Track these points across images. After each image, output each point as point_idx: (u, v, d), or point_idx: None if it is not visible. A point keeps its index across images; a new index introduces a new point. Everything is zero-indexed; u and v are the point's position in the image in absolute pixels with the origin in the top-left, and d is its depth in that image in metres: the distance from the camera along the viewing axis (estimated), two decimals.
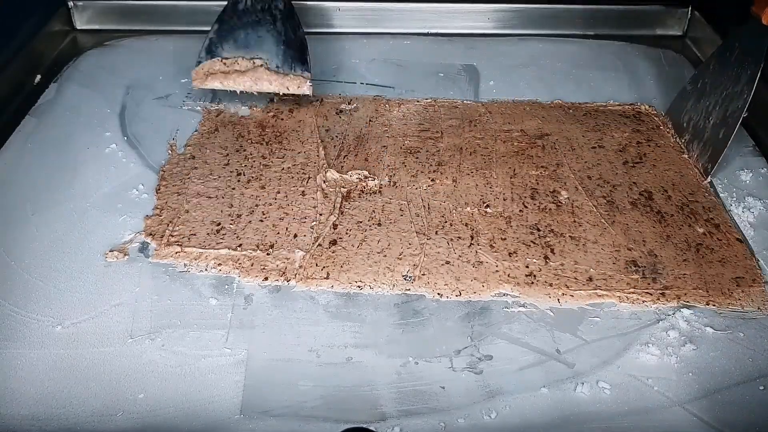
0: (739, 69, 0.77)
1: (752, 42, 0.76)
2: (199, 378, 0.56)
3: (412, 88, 0.93)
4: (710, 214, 0.72)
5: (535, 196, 0.74)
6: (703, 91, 0.82)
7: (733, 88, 0.77)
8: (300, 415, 0.53)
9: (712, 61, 0.83)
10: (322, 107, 0.88)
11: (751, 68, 0.75)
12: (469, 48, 1.02)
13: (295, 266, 0.65)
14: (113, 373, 0.56)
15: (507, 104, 0.90)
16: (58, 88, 0.90)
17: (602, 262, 0.67)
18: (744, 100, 0.74)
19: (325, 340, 0.59)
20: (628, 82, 0.96)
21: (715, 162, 0.76)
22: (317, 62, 0.98)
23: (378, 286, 0.64)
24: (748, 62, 0.76)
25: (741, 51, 0.78)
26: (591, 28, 1.07)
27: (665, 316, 0.62)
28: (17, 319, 0.60)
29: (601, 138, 0.84)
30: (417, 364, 0.57)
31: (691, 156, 0.81)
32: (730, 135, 0.75)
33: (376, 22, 1.06)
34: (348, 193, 0.74)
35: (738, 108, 0.75)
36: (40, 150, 0.79)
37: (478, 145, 0.82)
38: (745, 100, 0.74)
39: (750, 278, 0.65)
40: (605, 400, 0.55)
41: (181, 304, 0.62)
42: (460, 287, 0.64)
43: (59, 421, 0.52)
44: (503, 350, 0.59)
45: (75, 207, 0.72)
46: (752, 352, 0.59)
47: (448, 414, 0.53)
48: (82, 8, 1.04)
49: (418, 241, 0.68)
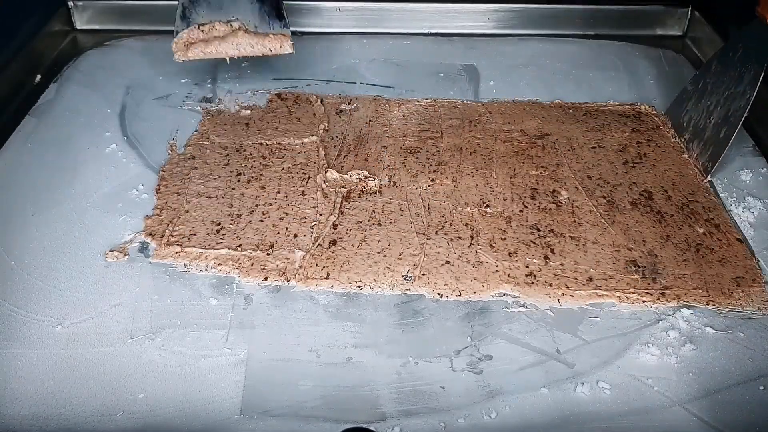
0: (742, 69, 0.77)
1: (756, 43, 0.76)
2: (199, 378, 0.56)
3: (412, 88, 0.93)
4: (710, 214, 0.72)
5: (535, 196, 0.74)
6: (704, 91, 0.82)
7: (735, 88, 0.77)
8: (300, 415, 0.53)
9: (714, 61, 0.83)
10: (322, 107, 0.88)
11: (754, 68, 0.75)
12: (469, 48, 1.02)
13: (295, 266, 0.65)
14: (113, 373, 0.56)
15: (507, 104, 0.90)
16: (58, 88, 0.90)
17: (602, 262, 0.67)
18: (746, 99, 0.75)
19: (325, 340, 0.59)
20: (628, 82, 0.96)
21: (715, 161, 0.76)
22: (317, 62, 0.98)
23: (378, 286, 0.64)
24: (752, 62, 0.76)
25: (744, 51, 0.78)
26: (591, 28, 1.07)
27: (665, 316, 0.62)
28: (17, 319, 0.60)
29: (601, 138, 0.84)
30: (417, 364, 0.57)
31: (691, 155, 0.81)
32: (731, 134, 0.75)
33: (376, 22, 1.06)
34: (348, 193, 0.74)
35: (740, 107, 0.75)
36: (40, 150, 0.79)
37: (478, 145, 0.82)
38: (748, 99, 0.74)
39: (750, 278, 0.65)
40: (605, 400, 0.55)
41: (181, 304, 0.62)
42: (460, 287, 0.64)
43: (59, 421, 0.52)
44: (503, 350, 0.59)
45: (75, 207, 0.72)
46: (752, 352, 0.59)
47: (448, 414, 0.53)
48: (82, 8, 1.05)
49: (418, 241, 0.68)
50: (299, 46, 1.03)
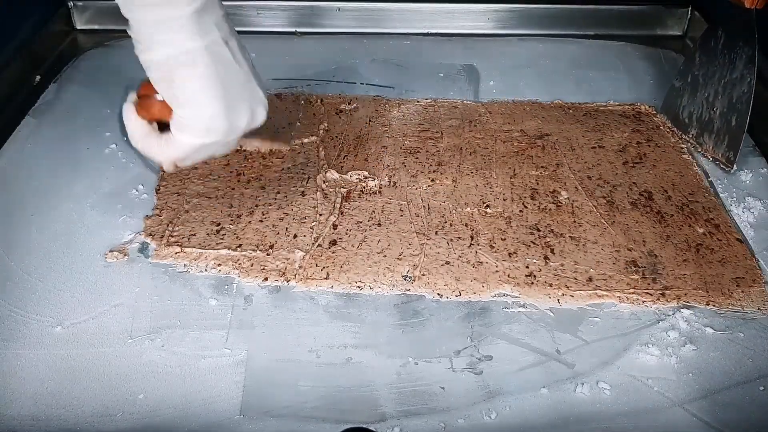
0: (731, 55, 0.77)
1: (738, 27, 0.77)
2: (199, 378, 0.56)
3: (412, 88, 0.93)
4: (710, 214, 0.72)
5: (535, 197, 0.74)
6: (696, 84, 0.82)
7: (731, 74, 0.77)
8: (300, 415, 0.53)
9: (697, 53, 0.83)
10: (322, 107, 0.88)
11: (745, 52, 0.76)
12: (469, 48, 1.02)
13: (295, 266, 0.65)
14: (113, 373, 0.56)
15: (507, 104, 0.90)
16: (58, 88, 0.90)
17: (602, 262, 0.67)
18: (749, 83, 0.75)
19: (325, 341, 0.59)
20: (628, 82, 0.96)
21: (737, 149, 0.76)
22: (317, 62, 0.98)
23: (378, 286, 0.64)
24: (740, 46, 0.76)
25: (727, 38, 0.78)
26: (591, 28, 1.07)
27: (665, 316, 0.62)
28: (17, 319, 0.60)
29: (601, 138, 0.84)
30: (417, 365, 0.57)
31: (705, 149, 0.80)
32: (744, 119, 0.75)
33: (376, 22, 1.06)
34: (348, 193, 0.74)
35: (744, 92, 0.76)
36: (40, 150, 0.79)
37: (478, 146, 0.82)
38: (750, 83, 0.75)
39: (750, 278, 0.65)
40: (605, 401, 0.55)
41: (181, 305, 0.62)
42: (460, 287, 0.64)
43: (59, 421, 0.52)
44: (503, 351, 0.59)
45: (75, 207, 0.72)
46: (752, 353, 0.59)
47: (448, 414, 0.53)
48: (82, 8, 1.04)
49: (418, 241, 0.68)
50: (299, 45, 1.03)
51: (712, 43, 0.80)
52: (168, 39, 0.55)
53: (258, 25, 1.06)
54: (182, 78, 0.57)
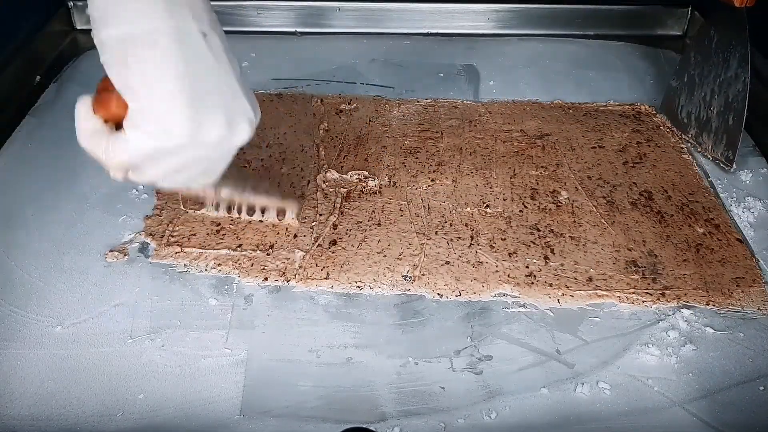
0: (725, 54, 0.78)
1: (729, 26, 0.77)
2: (199, 378, 0.56)
3: (412, 88, 0.93)
4: (710, 214, 0.72)
5: (535, 197, 0.74)
6: (693, 83, 0.82)
7: (726, 73, 0.77)
8: (300, 415, 0.53)
9: (692, 53, 0.83)
10: (322, 107, 0.88)
11: (738, 51, 0.76)
12: (469, 48, 1.03)
13: (295, 266, 0.65)
14: (113, 373, 0.56)
15: (507, 104, 0.90)
16: (58, 88, 0.90)
17: (602, 262, 0.67)
18: (743, 81, 0.75)
19: (325, 341, 0.59)
20: (628, 82, 0.96)
21: (735, 148, 0.76)
22: (317, 62, 0.98)
23: (378, 286, 0.64)
24: (733, 45, 0.77)
25: (720, 37, 0.78)
26: (591, 28, 1.07)
27: (665, 316, 0.62)
28: (17, 319, 0.60)
29: (601, 138, 0.84)
30: (417, 365, 0.57)
31: (704, 149, 0.81)
32: (741, 119, 0.75)
33: (376, 22, 1.06)
34: (348, 193, 0.74)
35: (740, 91, 0.76)
36: (40, 150, 0.79)
37: (478, 145, 0.82)
38: (745, 81, 0.75)
39: (750, 278, 0.65)
40: (605, 401, 0.55)
41: (181, 305, 0.62)
42: (460, 287, 0.64)
43: (59, 421, 0.52)
44: (503, 350, 0.59)
45: (75, 207, 0.72)
46: (752, 353, 0.59)
47: (448, 414, 0.53)
48: (82, 8, 1.04)
49: (418, 241, 0.68)
50: (299, 45, 1.03)
51: (706, 42, 0.80)
52: (128, 14, 0.46)
53: (258, 25, 1.07)
54: (138, 59, 0.47)
